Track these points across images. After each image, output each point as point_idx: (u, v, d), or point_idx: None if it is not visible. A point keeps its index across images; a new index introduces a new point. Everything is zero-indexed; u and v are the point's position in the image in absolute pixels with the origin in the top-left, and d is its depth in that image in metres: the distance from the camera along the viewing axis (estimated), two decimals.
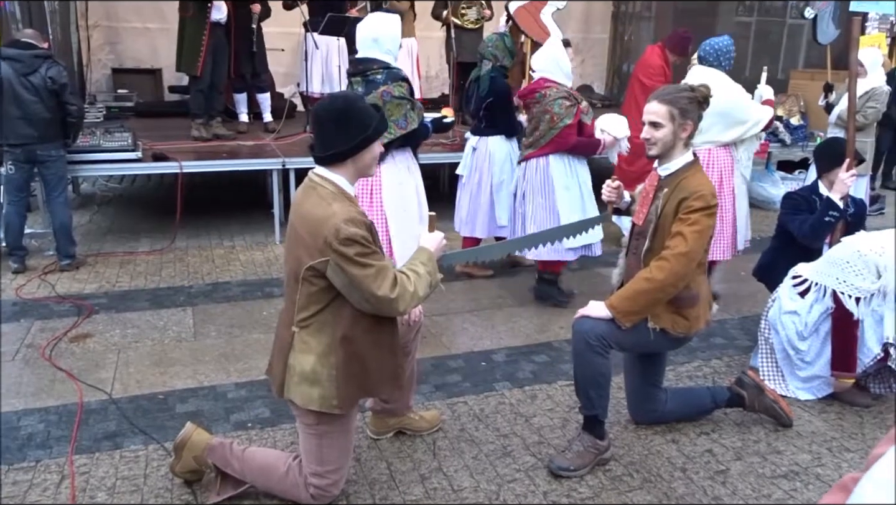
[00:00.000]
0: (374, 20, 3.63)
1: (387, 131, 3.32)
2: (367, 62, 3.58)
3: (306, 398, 2.32)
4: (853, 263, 3.16)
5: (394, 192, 3.67)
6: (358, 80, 3.62)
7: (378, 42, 3.55)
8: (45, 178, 4.84)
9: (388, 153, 3.62)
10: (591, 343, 2.66)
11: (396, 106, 3.54)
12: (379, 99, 3.48)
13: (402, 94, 3.55)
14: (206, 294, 4.63)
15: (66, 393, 3.31)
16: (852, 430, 3.15)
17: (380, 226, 3.59)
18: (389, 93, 3.51)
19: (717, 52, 4.20)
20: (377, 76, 3.54)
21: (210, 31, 6.07)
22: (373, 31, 3.56)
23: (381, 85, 3.51)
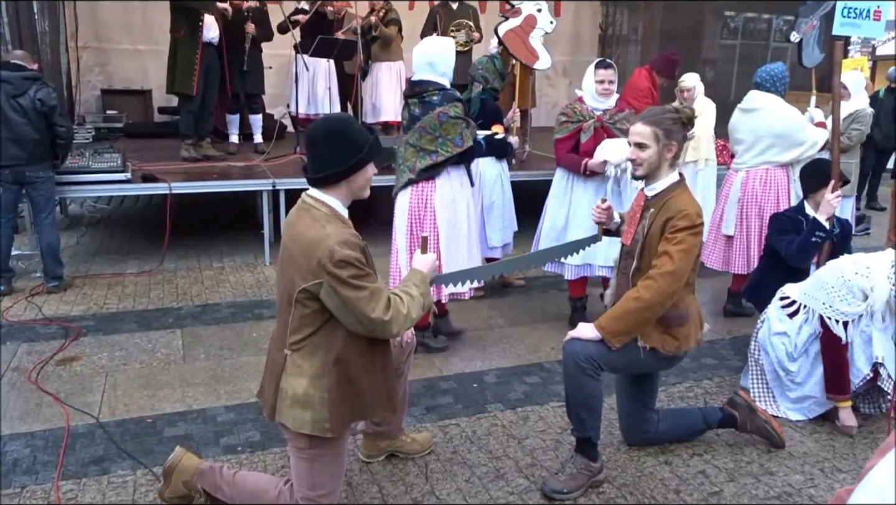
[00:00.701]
0: (429, 45, 3.85)
1: (443, 149, 3.71)
2: (423, 84, 3.75)
3: (298, 422, 2.30)
4: (838, 289, 3.18)
5: (447, 206, 3.84)
6: (415, 102, 3.78)
7: (433, 65, 3.74)
8: (33, 199, 4.81)
9: (444, 170, 3.80)
10: (582, 365, 2.66)
11: (452, 125, 3.72)
12: (435, 119, 3.69)
13: (457, 114, 3.72)
14: (196, 316, 4.60)
15: (53, 417, 3.26)
16: (844, 450, 3.15)
17: (432, 238, 3.75)
18: (445, 113, 3.69)
19: (773, 77, 4.40)
20: (433, 97, 3.71)
21: (202, 52, 6.09)
22: (428, 55, 3.75)
23: (437, 106, 3.69)
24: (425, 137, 3.75)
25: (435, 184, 3.79)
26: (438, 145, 3.74)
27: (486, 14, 9.63)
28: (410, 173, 3.81)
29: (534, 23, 6.23)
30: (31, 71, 4.70)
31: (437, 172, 3.78)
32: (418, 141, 3.77)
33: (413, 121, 3.79)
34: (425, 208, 3.82)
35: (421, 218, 3.83)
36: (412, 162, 3.80)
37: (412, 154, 3.80)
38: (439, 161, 3.74)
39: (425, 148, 3.76)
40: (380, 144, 2.36)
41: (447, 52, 3.78)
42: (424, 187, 3.81)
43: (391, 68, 7.52)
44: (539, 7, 6.26)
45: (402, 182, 3.86)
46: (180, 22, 6.03)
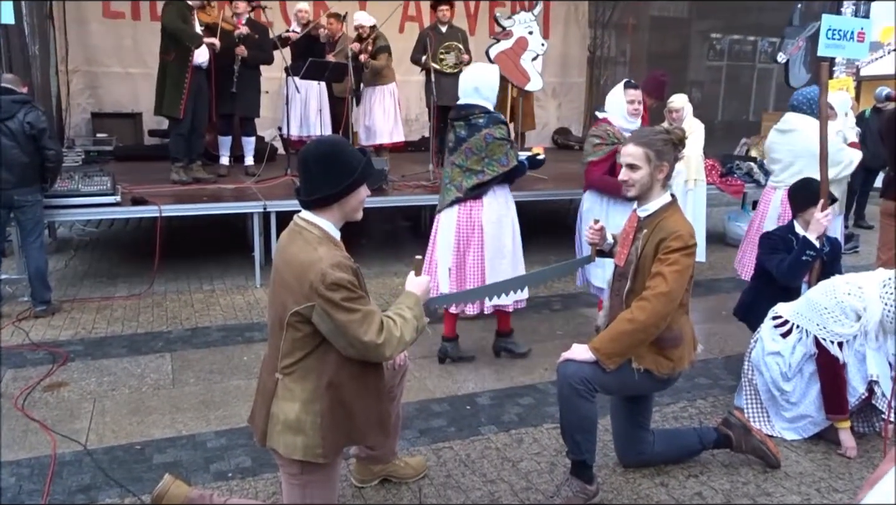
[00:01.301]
0: (475, 71, 4.03)
1: (490, 169, 3.90)
2: (469, 108, 3.94)
3: (290, 447, 2.26)
4: (831, 310, 3.19)
5: (494, 223, 4.00)
6: (461, 124, 3.95)
7: (478, 90, 3.92)
8: (21, 222, 4.77)
9: (490, 188, 3.97)
10: (577, 387, 2.65)
11: (498, 146, 3.88)
12: (482, 141, 3.87)
13: (502, 136, 3.89)
14: (185, 339, 4.55)
15: (40, 445, 3.20)
16: (840, 469, 3.14)
17: (478, 256, 3.96)
18: (491, 135, 3.86)
19: (808, 100, 4.51)
20: (479, 120, 3.89)
21: (192, 75, 6.10)
22: (474, 80, 3.94)
23: (483, 128, 3.87)
24: (472, 158, 3.92)
25: (482, 202, 3.97)
26: (485, 165, 3.91)
27: (476, 36, 9.75)
28: (458, 192, 3.97)
29: (525, 45, 6.31)
30: (21, 94, 4.68)
31: (484, 191, 3.96)
32: (465, 161, 3.94)
33: (459, 142, 3.96)
34: (472, 225, 3.99)
35: (468, 235, 4.00)
36: (459, 181, 3.97)
37: (458, 174, 3.97)
38: (486, 180, 3.92)
39: (472, 168, 3.93)
40: (372, 166, 2.36)
41: (492, 78, 3.98)
42: (472, 205, 3.98)
43: (384, 91, 7.55)
44: (530, 29, 6.33)
45: (449, 200, 4.01)
46: (170, 45, 6.05)
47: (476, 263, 4.01)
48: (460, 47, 7.64)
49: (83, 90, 8.70)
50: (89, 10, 8.53)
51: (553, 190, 6.99)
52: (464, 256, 4.02)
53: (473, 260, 4.01)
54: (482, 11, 10.50)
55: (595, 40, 11.52)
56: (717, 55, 11.42)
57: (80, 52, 8.55)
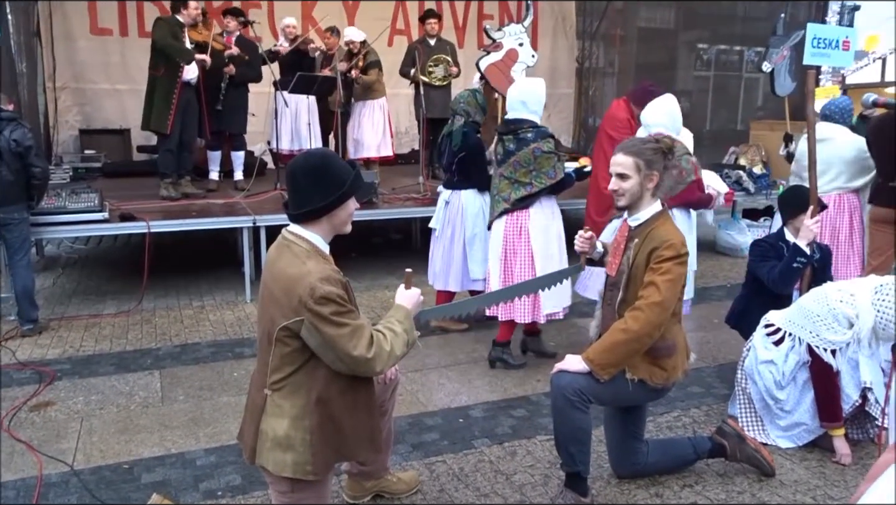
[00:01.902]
0: (523, 85, 4.14)
1: (537, 181, 4.02)
2: (517, 122, 4.07)
3: (279, 464, 2.23)
4: (824, 318, 3.18)
5: (541, 233, 4.12)
6: (509, 138, 4.07)
7: (526, 104, 4.06)
8: (8, 241, 4.72)
9: (537, 200, 4.10)
10: (571, 398, 2.63)
11: (546, 159, 4.01)
12: (530, 154, 3.99)
13: (550, 149, 4.02)
14: (175, 356, 4.51)
15: (26, 466, 3.15)
16: (835, 477, 3.12)
17: (527, 264, 4.07)
18: (540, 148, 3.99)
19: (840, 110, 4.71)
20: (528, 134, 4.02)
21: (180, 91, 6.08)
22: (521, 94, 4.07)
23: (532, 142, 4.00)
24: (520, 170, 4.04)
25: (529, 212, 4.10)
26: (533, 178, 4.03)
27: (464, 49, 9.79)
28: (506, 203, 4.11)
29: (515, 57, 6.32)
30: (7, 112, 4.65)
31: (531, 202, 4.09)
32: (513, 174, 4.06)
33: (508, 155, 4.08)
34: (519, 235, 4.11)
35: (515, 244, 4.12)
36: (507, 193, 4.11)
37: (507, 186, 4.10)
38: (534, 192, 4.05)
39: (520, 180, 4.05)
40: (361, 179, 2.34)
41: (539, 91, 4.10)
42: (519, 216, 4.11)
43: (373, 105, 7.56)
44: (521, 41, 6.35)
45: (498, 211, 4.16)
46: (160, 60, 6.03)
47: (524, 272, 4.10)
48: (449, 60, 7.67)
49: (71, 107, 8.65)
50: (76, 26, 8.50)
51: None
52: (511, 265, 4.13)
53: (521, 269, 4.11)
54: (470, 24, 10.55)
55: (583, 51, 11.59)
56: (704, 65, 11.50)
57: (67, 69, 8.52)
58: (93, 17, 8.57)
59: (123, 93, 8.68)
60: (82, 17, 8.51)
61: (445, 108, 7.38)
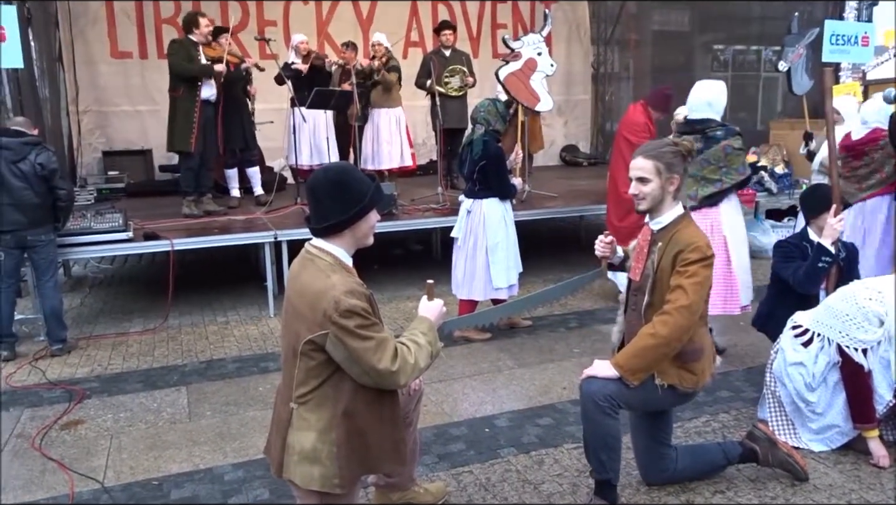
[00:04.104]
0: (707, 87, 4.27)
1: (727, 178, 4.13)
2: (703, 122, 4.20)
3: (306, 478, 2.23)
4: (853, 317, 3.13)
5: (733, 229, 4.22)
6: (697, 137, 4.14)
7: (711, 105, 4.20)
8: (35, 262, 4.80)
9: (726, 196, 4.20)
10: (601, 404, 2.61)
11: (736, 156, 4.15)
12: (721, 151, 4.11)
13: (740, 147, 4.16)
14: (201, 372, 4.55)
15: (57, 484, 3.19)
16: (870, 480, 3.06)
17: (721, 259, 3.99)
18: (730, 146, 4.12)
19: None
20: (717, 132, 4.15)
21: (201, 109, 6.17)
22: (706, 96, 4.22)
23: (721, 140, 4.13)
24: (707, 168, 4.15)
25: (719, 209, 4.20)
26: (722, 174, 4.15)
27: (479, 59, 9.82)
28: (692, 200, 4.17)
29: (534, 66, 6.34)
30: (32, 136, 4.74)
31: (721, 199, 4.18)
32: (700, 171, 4.16)
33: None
34: (710, 232, 4.12)
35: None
36: (693, 190, 4.18)
37: (692, 183, 4.16)
38: (724, 188, 4.16)
39: (707, 177, 4.16)
40: (381, 191, 2.35)
41: (722, 93, 4.24)
42: (707, 212, 4.19)
43: (391, 115, 7.59)
44: (539, 51, 6.36)
45: None
46: (178, 81, 6.13)
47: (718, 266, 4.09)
48: (464, 70, 7.69)
49: (94, 129, 8.80)
50: (97, 51, 8.66)
51: (562, 207, 6.98)
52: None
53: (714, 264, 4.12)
54: (485, 34, 10.57)
55: (598, 57, 11.56)
56: (721, 66, 11.41)
57: (89, 93, 8.68)
58: (113, 41, 8.73)
59: (144, 114, 8.82)
60: (102, 42, 8.68)
61: (462, 118, 7.41)
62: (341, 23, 9.54)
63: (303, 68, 7.12)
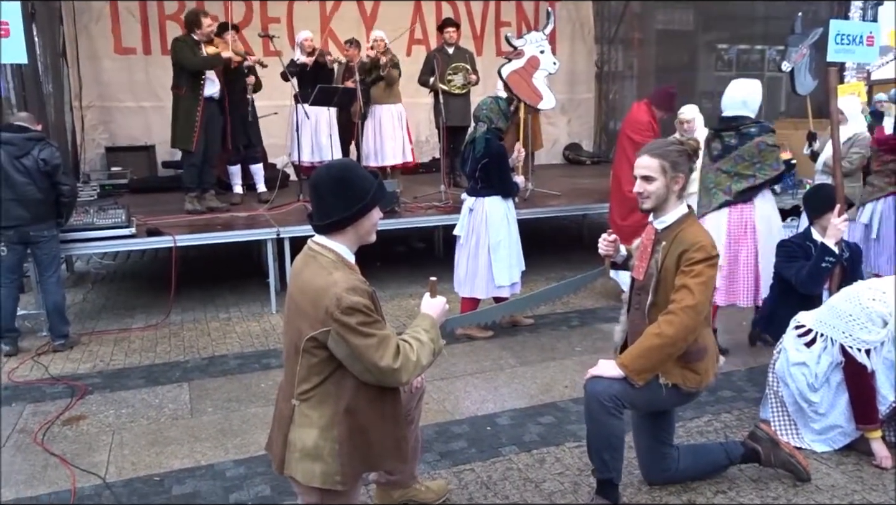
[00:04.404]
0: (743, 85, 4.32)
1: (761, 173, 4.19)
2: (738, 119, 4.27)
3: (308, 475, 2.23)
4: (857, 317, 3.12)
5: (764, 223, 4.29)
6: (730, 134, 4.27)
7: (746, 103, 4.26)
8: (38, 258, 4.81)
9: (760, 192, 4.26)
10: (606, 404, 2.60)
11: (770, 152, 4.21)
12: (755, 148, 4.17)
13: (773, 143, 4.22)
14: (203, 368, 4.55)
15: (59, 479, 3.19)
16: (873, 481, 3.05)
17: (751, 254, 4.22)
18: (764, 142, 4.18)
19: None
20: (751, 129, 4.21)
21: (203, 107, 6.17)
22: (742, 94, 4.28)
23: (755, 136, 4.19)
24: (741, 164, 4.21)
25: (753, 204, 4.26)
26: (756, 170, 4.20)
27: (483, 57, 9.80)
28: (726, 195, 4.26)
29: (537, 64, 6.33)
30: (35, 132, 4.74)
31: (755, 194, 4.25)
32: (734, 167, 4.22)
33: (728, 150, 4.26)
34: (744, 226, 4.25)
35: (739, 235, 4.26)
36: (726, 185, 4.26)
37: (725, 179, 4.26)
38: (757, 184, 4.21)
39: (741, 173, 4.21)
40: (384, 188, 2.35)
41: (757, 92, 4.31)
42: (742, 208, 4.25)
43: (392, 111, 7.58)
44: (542, 49, 6.36)
45: (717, 203, 4.28)
46: (182, 79, 6.12)
47: (748, 260, 4.24)
48: (468, 68, 7.68)
49: (97, 125, 8.81)
50: (101, 47, 8.67)
51: (565, 205, 6.97)
52: (735, 254, 4.27)
53: (746, 258, 4.24)
54: (488, 32, 10.56)
55: (602, 56, 11.54)
56: (724, 65, 11.39)
57: (93, 89, 8.68)
58: (116, 37, 8.74)
59: (148, 110, 8.83)
60: (106, 38, 8.68)
61: (465, 116, 7.40)
62: (344, 20, 9.54)
63: (308, 61, 7.11)
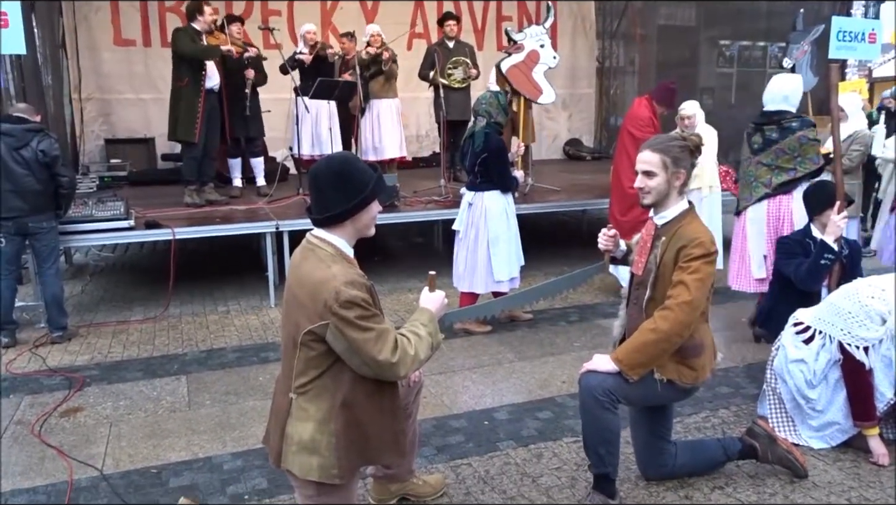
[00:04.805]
0: (785, 81, 4.45)
1: (801, 167, 4.27)
2: (779, 113, 4.37)
3: (305, 468, 2.23)
4: (855, 314, 3.12)
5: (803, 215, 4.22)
6: (772, 128, 4.36)
7: (788, 98, 4.37)
8: (37, 249, 4.80)
9: (800, 184, 4.30)
10: (600, 398, 2.60)
11: (811, 146, 4.30)
12: (796, 141, 4.28)
13: (815, 137, 4.32)
14: (201, 361, 4.55)
15: (56, 471, 3.19)
16: (870, 478, 3.05)
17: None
18: (806, 136, 4.28)
19: None
20: (793, 123, 4.32)
21: (204, 99, 6.15)
22: (784, 89, 4.38)
23: (797, 131, 4.29)
24: (782, 157, 4.32)
25: (793, 196, 4.32)
26: (797, 163, 4.30)
27: (484, 51, 9.78)
28: (766, 188, 4.37)
29: (537, 58, 6.32)
30: (34, 123, 4.73)
31: (794, 187, 4.31)
32: (775, 160, 4.33)
33: (769, 144, 4.37)
34: (783, 218, 4.34)
35: (777, 227, 4.35)
36: (766, 178, 4.37)
37: (766, 172, 4.37)
38: (797, 177, 4.30)
39: (782, 166, 4.32)
40: (383, 182, 2.34)
41: (799, 88, 4.47)
42: (782, 199, 4.34)
43: (390, 105, 7.58)
44: (542, 43, 6.34)
45: (758, 196, 4.41)
46: (183, 71, 6.10)
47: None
48: (468, 62, 7.66)
49: (96, 117, 8.80)
50: (100, 38, 8.64)
51: (565, 201, 6.96)
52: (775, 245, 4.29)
53: None
54: (489, 26, 10.54)
55: (603, 51, 11.52)
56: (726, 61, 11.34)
57: (92, 80, 8.66)
58: (116, 28, 8.71)
59: (147, 102, 8.80)
60: (106, 29, 8.66)
61: (465, 110, 7.39)
62: (346, 14, 9.51)
63: (306, 59, 7.10)
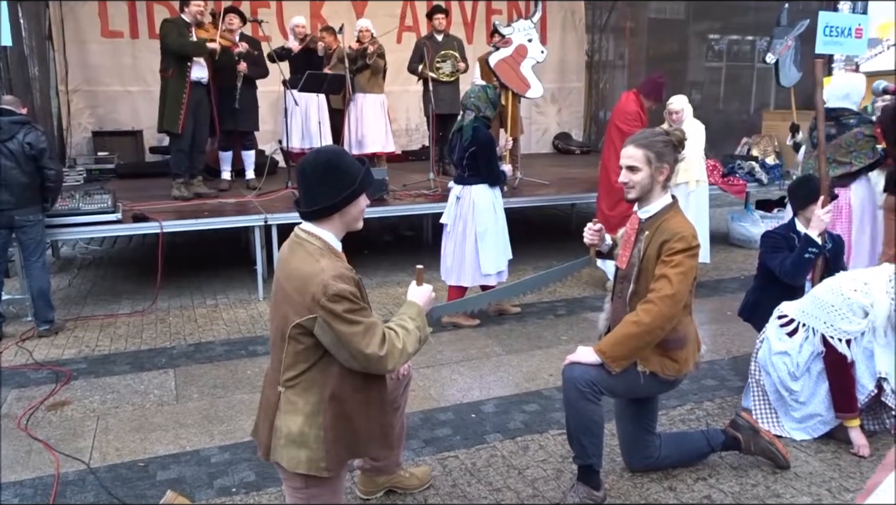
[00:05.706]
0: (848, 80, 4.66)
1: (857, 161, 4.46)
2: (839, 110, 4.53)
3: (293, 461, 2.24)
4: (838, 308, 3.16)
5: (859, 206, 4.54)
6: (830, 124, 4.40)
7: (849, 96, 4.55)
8: (23, 243, 4.78)
9: (857, 177, 4.52)
10: (582, 390, 2.62)
11: (867, 142, 4.47)
12: (853, 137, 4.46)
13: (871, 133, 4.47)
14: (189, 355, 4.54)
15: (43, 464, 3.19)
16: (850, 469, 3.10)
17: (844, 235, 4.35)
18: (862, 133, 4.45)
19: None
20: (850, 120, 4.50)
21: (190, 91, 6.12)
22: (846, 88, 4.56)
23: (854, 127, 4.47)
24: (839, 151, 4.48)
25: (850, 189, 4.53)
26: (853, 158, 4.47)
27: (473, 44, 9.78)
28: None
29: (525, 52, 6.32)
30: (20, 115, 4.70)
31: (851, 180, 4.52)
32: (832, 155, 4.42)
33: (828, 139, 4.30)
34: (840, 211, 4.51)
35: (834, 219, 4.40)
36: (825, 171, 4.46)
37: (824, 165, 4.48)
38: (853, 171, 4.49)
39: (839, 160, 4.48)
40: (372, 176, 2.34)
41: (861, 87, 4.62)
42: (840, 192, 4.49)
43: (376, 100, 7.58)
44: (530, 37, 6.34)
45: None
46: (169, 61, 6.08)
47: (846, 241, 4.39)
48: (456, 55, 7.66)
49: (83, 109, 8.73)
50: (88, 30, 8.57)
51: (555, 195, 6.99)
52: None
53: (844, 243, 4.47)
54: (479, 20, 10.53)
55: (593, 45, 11.53)
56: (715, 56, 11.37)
57: (79, 72, 8.60)
58: (104, 20, 8.65)
59: (135, 94, 8.75)
60: (93, 21, 8.59)
61: (454, 103, 7.40)
62: (335, 6, 9.48)
63: (294, 47, 7.07)
